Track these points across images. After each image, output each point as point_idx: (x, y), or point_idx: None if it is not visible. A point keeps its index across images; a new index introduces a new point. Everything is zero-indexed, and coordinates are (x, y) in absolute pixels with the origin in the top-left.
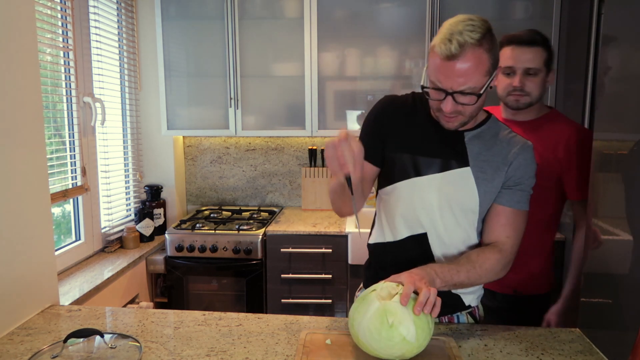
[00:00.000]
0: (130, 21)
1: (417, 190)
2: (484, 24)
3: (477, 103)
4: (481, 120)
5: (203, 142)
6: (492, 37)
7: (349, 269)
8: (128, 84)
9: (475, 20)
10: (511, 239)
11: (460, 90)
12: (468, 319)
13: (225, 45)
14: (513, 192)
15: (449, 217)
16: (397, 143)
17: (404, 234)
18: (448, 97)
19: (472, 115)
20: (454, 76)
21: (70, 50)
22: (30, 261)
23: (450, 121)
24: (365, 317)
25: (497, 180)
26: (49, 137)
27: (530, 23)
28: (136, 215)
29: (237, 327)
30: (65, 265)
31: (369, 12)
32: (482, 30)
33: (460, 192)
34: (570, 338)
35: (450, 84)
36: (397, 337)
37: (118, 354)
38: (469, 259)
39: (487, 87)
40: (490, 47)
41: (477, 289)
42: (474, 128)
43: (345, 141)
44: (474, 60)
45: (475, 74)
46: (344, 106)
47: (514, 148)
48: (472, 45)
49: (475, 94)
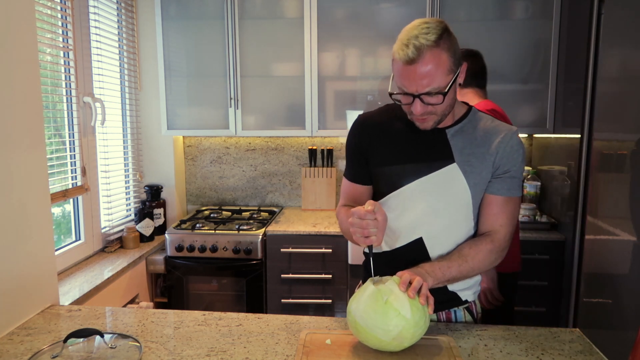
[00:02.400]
0: (130, 21)
1: (407, 198)
2: (439, 25)
3: (446, 101)
4: (461, 114)
5: (203, 142)
6: (450, 36)
7: (349, 269)
8: (128, 84)
9: (430, 22)
10: (504, 227)
11: (426, 92)
12: (465, 314)
13: (225, 45)
14: (503, 181)
15: (444, 216)
16: (380, 158)
17: (401, 242)
18: (416, 100)
19: (444, 113)
20: (417, 79)
21: (70, 50)
22: (30, 261)
23: (424, 121)
24: (361, 301)
25: (485, 171)
26: (49, 137)
27: (530, 23)
28: (136, 215)
29: (237, 327)
30: (65, 265)
31: (369, 12)
32: (437, 31)
33: (452, 189)
34: (570, 338)
35: (415, 87)
36: (392, 312)
37: (118, 354)
38: (461, 254)
39: (452, 84)
40: (449, 45)
41: (474, 284)
42: (454, 124)
43: (372, 213)
44: (433, 61)
45: (437, 74)
46: (344, 106)
47: (498, 137)
48: (429, 47)
49: (441, 93)
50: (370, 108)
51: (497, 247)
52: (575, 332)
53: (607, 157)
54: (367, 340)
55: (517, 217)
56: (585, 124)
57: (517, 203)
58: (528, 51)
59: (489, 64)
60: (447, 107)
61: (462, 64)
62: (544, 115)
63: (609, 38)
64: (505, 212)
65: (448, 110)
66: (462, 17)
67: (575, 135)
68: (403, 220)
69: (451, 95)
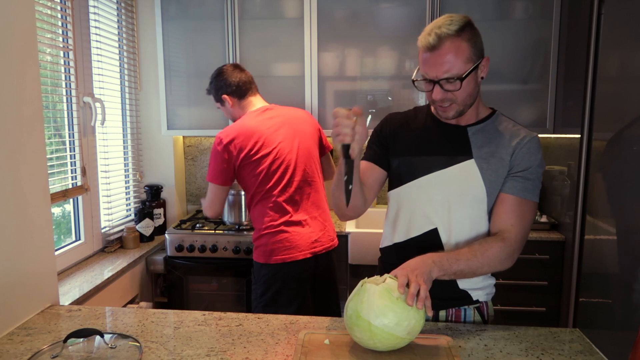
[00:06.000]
0: (130, 21)
1: (424, 188)
2: (463, 19)
3: (464, 88)
4: (485, 115)
5: (203, 142)
6: (473, 29)
7: (348, 269)
8: (128, 84)
9: (455, 16)
10: (515, 227)
11: (445, 78)
12: (475, 314)
13: (225, 45)
14: (517, 180)
15: (458, 210)
16: (401, 147)
17: (417, 232)
18: (435, 85)
19: (465, 103)
20: (437, 65)
21: (70, 50)
22: (30, 261)
23: (445, 110)
24: (372, 302)
25: (502, 169)
26: (49, 137)
27: (530, 23)
28: (136, 215)
29: (237, 327)
30: (65, 265)
31: (369, 12)
32: (460, 23)
33: (467, 184)
34: (570, 338)
35: (435, 73)
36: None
37: (118, 354)
38: (471, 248)
39: (470, 73)
40: (469, 37)
41: (488, 285)
42: (477, 123)
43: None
44: (452, 49)
45: (456, 61)
46: (344, 106)
47: (518, 138)
48: (450, 35)
49: (459, 79)
50: (370, 108)
51: (508, 245)
52: (575, 332)
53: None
54: (383, 340)
55: (530, 223)
56: (585, 124)
57: (530, 207)
58: (528, 51)
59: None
60: (467, 96)
61: (484, 57)
62: (544, 115)
63: (609, 38)
64: (516, 212)
65: (469, 100)
66: None
67: (575, 135)
68: (419, 210)
69: (470, 84)
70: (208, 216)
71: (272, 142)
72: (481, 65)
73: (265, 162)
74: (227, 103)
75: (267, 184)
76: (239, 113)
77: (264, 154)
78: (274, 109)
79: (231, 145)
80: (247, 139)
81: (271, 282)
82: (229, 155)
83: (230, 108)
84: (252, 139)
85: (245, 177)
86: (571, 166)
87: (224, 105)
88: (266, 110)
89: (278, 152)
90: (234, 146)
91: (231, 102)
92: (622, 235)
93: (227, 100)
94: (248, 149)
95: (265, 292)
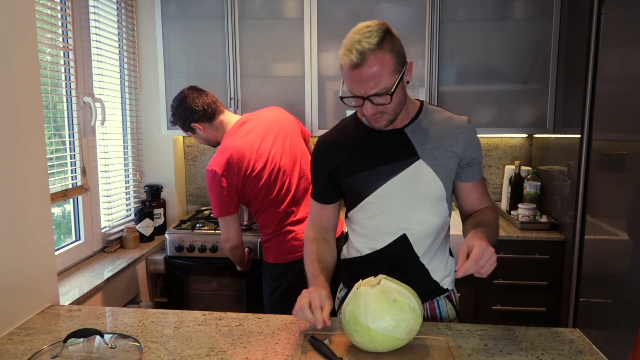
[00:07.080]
0: (130, 21)
1: (383, 200)
2: (381, 27)
3: (394, 100)
4: (415, 112)
5: None
6: (392, 37)
7: None
8: (128, 84)
9: (372, 25)
10: (487, 201)
11: (374, 93)
12: (447, 303)
13: (225, 45)
14: (472, 168)
15: (420, 211)
16: (348, 169)
17: (385, 242)
18: (365, 101)
19: (396, 111)
20: (364, 82)
21: (70, 50)
22: (30, 261)
23: (377, 121)
24: (369, 306)
25: (451, 162)
26: (49, 137)
27: (530, 23)
28: (136, 215)
29: (237, 327)
30: (65, 265)
31: (369, 12)
32: (378, 34)
33: (424, 184)
34: (570, 338)
35: (364, 90)
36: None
37: (118, 354)
38: (482, 220)
39: (398, 84)
40: (391, 47)
41: (450, 271)
42: (410, 122)
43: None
44: (377, 63)
45: (382, 76)
46: (343, 106)
47: (456, 130)
48: (372, 50)
49: (388, 94)
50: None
51: (496, 211)
52: (575, 332)
53: (607, 157)
54: (383, 343)
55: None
56: (585, 124)
57: (484, 181)
58: (528, 51)
59: (489, 64)
60: (397, 105)
61: (407, 62)
62: (544, 115)
63: (609, 38)
64: (483, 192)
65: (399, 108)
66: (462, 17)
67: (575, 135)
68: (383, 221)
69: (399, 93)
70: (230, 249)
71: (263, 153)
72: (406, 71)
73: (264, 175)
74: (199, 130)
75: (271, 194)
76: (213, 136)
77: (260, 169)
78: (248, 120)
79: (226, 173)
80: (240, 161)
81: (281, 281)
82: (228, 183)
83: (202, 134)
84: (244, 160)
85: (248, 195)
86: (571, 166)
87: (196, 133)
88: (242, 125)
89: (272, 161)
90: (230, 172)
91: (202, 128)
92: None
93: (197, 128)
94: (244, 170)
95: (274, 290)
